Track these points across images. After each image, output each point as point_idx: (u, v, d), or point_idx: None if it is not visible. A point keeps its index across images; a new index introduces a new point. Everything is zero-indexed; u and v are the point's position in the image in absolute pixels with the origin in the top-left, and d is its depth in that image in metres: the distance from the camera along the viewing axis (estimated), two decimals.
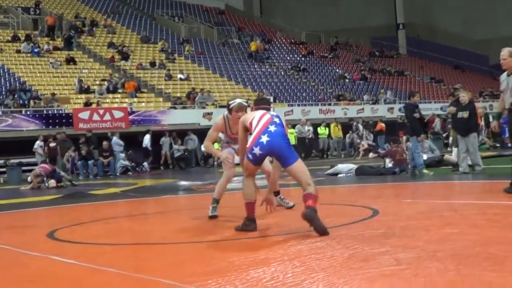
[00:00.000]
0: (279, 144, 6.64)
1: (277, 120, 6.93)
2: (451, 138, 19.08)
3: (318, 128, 31.32)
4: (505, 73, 9.17)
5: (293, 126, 30.05)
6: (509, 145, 27.34)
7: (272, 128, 6.73)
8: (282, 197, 8.96)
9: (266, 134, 6.64)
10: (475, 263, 4.43)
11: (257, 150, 6.66)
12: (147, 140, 27.91)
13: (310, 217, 6.13)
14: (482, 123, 30.25)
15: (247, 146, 6.81)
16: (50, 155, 24.46)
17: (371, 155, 26.84)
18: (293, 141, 29.76)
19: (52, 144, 24.66)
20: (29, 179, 19.74)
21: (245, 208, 6.88)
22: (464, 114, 14.08)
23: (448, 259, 4.61)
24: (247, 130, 7.02)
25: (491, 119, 30.26)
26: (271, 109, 7.70)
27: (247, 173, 7.01)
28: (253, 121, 6.94)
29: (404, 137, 22.30)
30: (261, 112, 7.10)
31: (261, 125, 6.80)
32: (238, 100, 8.39)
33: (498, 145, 29.39)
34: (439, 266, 4.42)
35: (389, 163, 16.10)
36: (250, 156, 6.74)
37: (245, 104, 8.45)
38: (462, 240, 5.46)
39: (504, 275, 4.03)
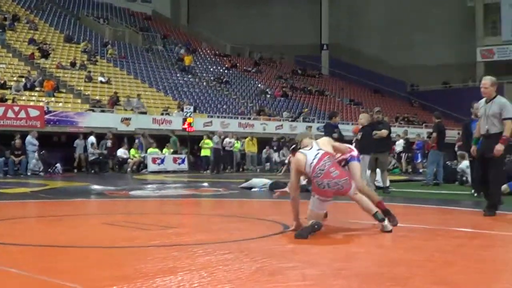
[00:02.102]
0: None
1: None
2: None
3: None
4: (483, 100, 9.58)
5: (209, 138, 30.05)
6: (421, 171, 28.00)
7: None
8: None
9: None
10: (378, 282, 4.53)
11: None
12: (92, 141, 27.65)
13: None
14: (399, 148, 31.00)
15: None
16: None
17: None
18: (208, 152, 29.76)
19: None
20: None
21: None
22: (358, 136, 14.43)
23: (353, 277, 4.70)
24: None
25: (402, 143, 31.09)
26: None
27: None
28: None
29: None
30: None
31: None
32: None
33: (410, 170, 30.13)
34: (343, 283, 4.51)
35: (303, 181, 16.23)
36: None
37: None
38: (367, 259, 5.58)
39: None
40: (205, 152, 30.09)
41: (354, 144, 15.22)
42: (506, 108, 9.18)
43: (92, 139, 27.80)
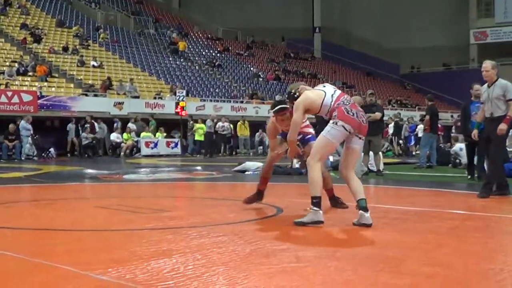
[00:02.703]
0: None
1: None
2: None
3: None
4: (485, 85, 9.77)
5: (204, 122, 30.08)
6: (414, 153, 28.10)
7: None
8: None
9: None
10: (372, 264, 4.55)
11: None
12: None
13: None
14: (391, 131, 31.11)
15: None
16: None
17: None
18: (201, 137, 29.77)
19: None
20: None
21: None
22: None
23: (346, 259, 4.74)
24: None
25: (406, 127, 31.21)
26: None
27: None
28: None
29: None
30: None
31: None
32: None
33: (402, 152, 30.22)
34: (337, 265, 4.54)
35: (296, 164, 16.28)
36: None
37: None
38: (361, 242, 5.62)
39: (399, 277, 4.17)
40: (198, 137, 30.14)
41: None
42: (509, 89, 9.36)
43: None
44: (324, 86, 6.78)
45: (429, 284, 3.99)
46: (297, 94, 6.80)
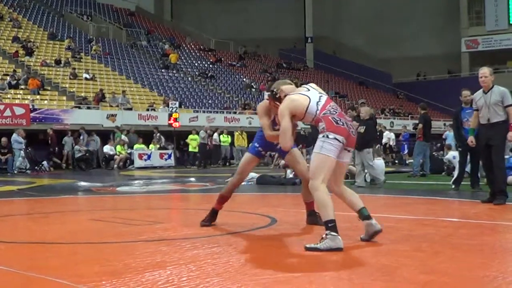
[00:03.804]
0: None
1: None
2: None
3: (221, 136, 31.41)
4: (480, 91, 9.88)
5: (197, 133, 30.10)
6: (408, 162, 28.10)
7: None
8: None
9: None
10: (367, 273, 4.55)
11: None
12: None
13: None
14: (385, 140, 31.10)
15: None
16: None
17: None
18: (194, 148, 29.80)
19: None
20: None
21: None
22: (361, 129, 14.46)
23: (342, 268, 4.73)
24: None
25: (391, 136, 31.18)
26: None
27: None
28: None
29: (304, 150, 22.71)
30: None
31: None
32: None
33: (396, 161, 30.22)
34: (333, 274, 4.54)
35: (290, 174, 16.29)
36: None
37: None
38: (355, 251, 5.60)
39: (395, 285, 4.17)
40: (192, 148, 30.18)
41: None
42: (507, 95, 9.55)
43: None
44: (308, 90, 6.22)
45: None
46: (278, 94, 6.40)
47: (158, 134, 30.68)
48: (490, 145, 9.62)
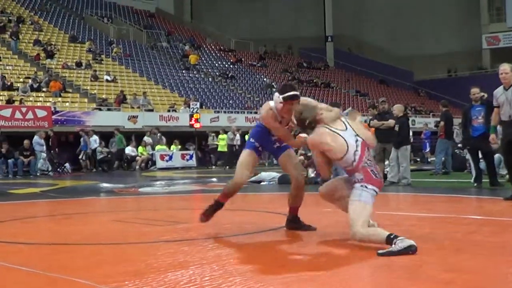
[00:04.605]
0: None
1: None
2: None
3: (246, 136, 31.43)
4: (500, 88, 9.78)
5: (225, 132, 30.18)
6: (430, 160, 27.96)
7: None
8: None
9: None
10: (389, 271, 4.54)
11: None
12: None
13: None
14: None
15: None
16: None
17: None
18: (224, 148, 29.86)
19: None
20: None
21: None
22: (396, 127, 14.50)
23: (364, 267, 4.72)
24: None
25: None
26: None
27: None
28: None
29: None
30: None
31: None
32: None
33: (418, 159, 30.09)
34: (355, 272, 4.53)
35: (311, 173, 16.26)
36: None
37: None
38: (377, 249, 5.57)
39: (417, 283, 4.15)
40: (221, 148, 30.22)
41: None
42: None
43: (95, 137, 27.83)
44: (345, 128, 5.84)
45: None
46: (313, 123, 5.90)
47: (159, 134, 30.68)
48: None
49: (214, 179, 19.13)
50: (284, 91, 6.27)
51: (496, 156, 13.82)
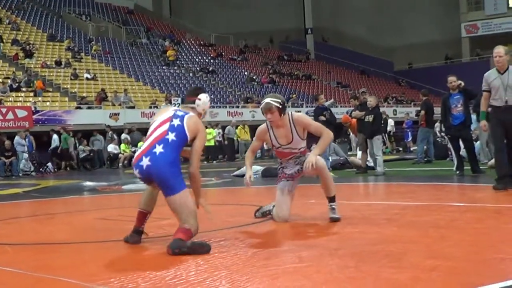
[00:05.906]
0: (159, 172, 5.62)
1: (172, 135, 5.73)
2: (356, 141, 19.39)
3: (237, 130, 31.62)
4: (493, 71, 9.28)
5: (213, 127, 30.23)
6: (412, 149, 28.08)
7: (158, 149, 5.57)
8: None
9: (148, 157, 5.55)
10: (374, 260, 4.55)
11: (136, 173, 5.68)
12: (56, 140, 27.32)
13: (176, 247, 5.17)
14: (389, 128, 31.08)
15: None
16: None
17: None
18: (212, 142, 29.82)
19: None
20: None
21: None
22: (369, 118, 14.52)
23: (348, 257, 4.73)
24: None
25: (391, 123, 31.20)
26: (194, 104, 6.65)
27: None
28: (150, 128, 5.92)
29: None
30: (164, 116, 5.99)
31: (149, 140, 5.72)
32: (266, 99, 6.90)
33: (400, 149, 30.21)
34: (339, 263, 4.54)
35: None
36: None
37: (273, 103, 6.88)
38: (362, 238, 5.60)
39: (402, 271, 4.17)
40: (208, 142, 30.15)
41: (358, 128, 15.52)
42: None
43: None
44: None
45: (432, 277, 3.99)
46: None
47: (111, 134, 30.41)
48: (506, 128, 9.09)
49: None
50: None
51: (477, 143, 13.86)
